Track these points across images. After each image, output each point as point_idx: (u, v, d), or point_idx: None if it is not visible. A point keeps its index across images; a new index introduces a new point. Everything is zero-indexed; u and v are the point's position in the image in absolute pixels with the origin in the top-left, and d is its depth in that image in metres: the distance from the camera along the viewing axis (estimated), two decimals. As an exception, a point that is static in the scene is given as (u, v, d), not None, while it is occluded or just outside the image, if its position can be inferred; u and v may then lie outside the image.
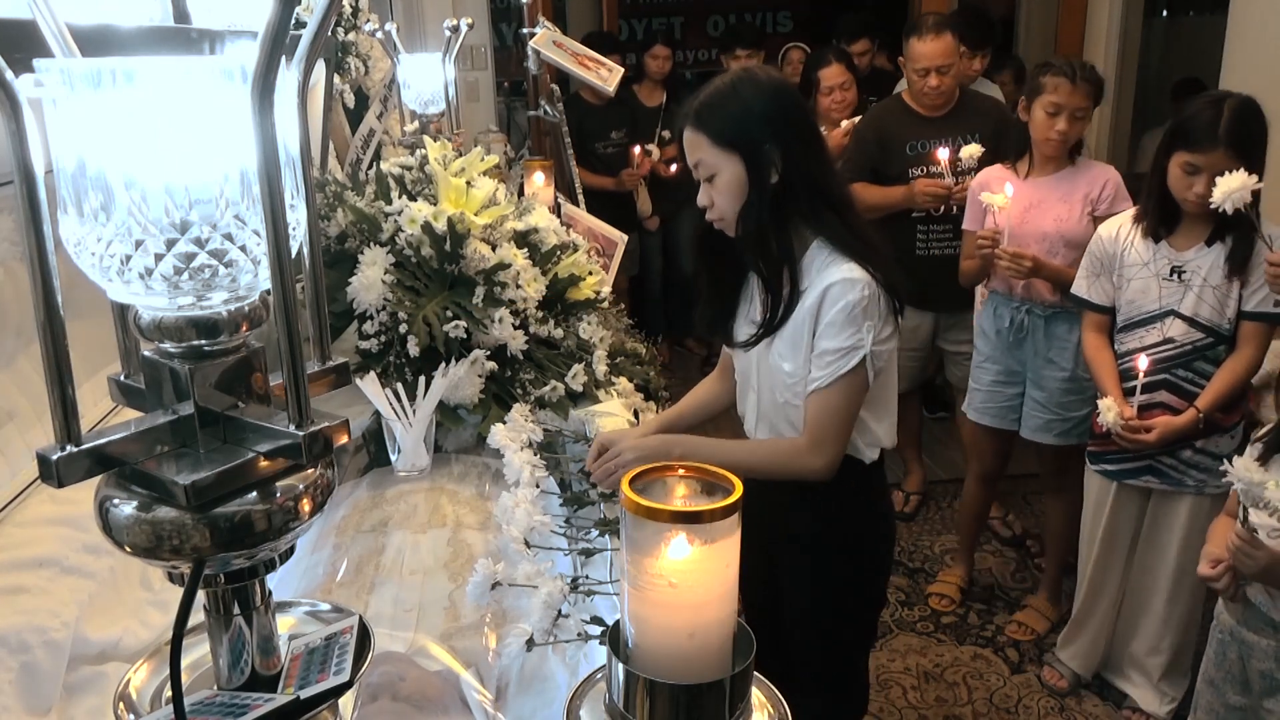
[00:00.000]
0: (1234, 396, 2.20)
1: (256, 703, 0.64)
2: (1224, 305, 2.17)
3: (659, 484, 0.67)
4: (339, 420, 0.61)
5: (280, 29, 0.52)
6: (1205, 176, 2.05)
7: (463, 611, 1.21)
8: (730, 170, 1.52)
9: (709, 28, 6.68)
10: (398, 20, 3.46)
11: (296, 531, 0.63)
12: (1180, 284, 2.20)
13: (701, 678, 0.64)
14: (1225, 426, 2.24)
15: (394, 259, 1.67)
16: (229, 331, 0.61)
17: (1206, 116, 2.07)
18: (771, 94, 1.55)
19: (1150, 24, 5.50)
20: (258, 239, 0.58)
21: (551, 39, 3.04)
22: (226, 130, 0.55)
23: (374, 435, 1.62)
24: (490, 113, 4.73)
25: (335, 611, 0.77)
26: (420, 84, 2.91)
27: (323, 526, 1.39)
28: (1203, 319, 2.19)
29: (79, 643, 1.04)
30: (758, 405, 1.68)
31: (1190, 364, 2.22)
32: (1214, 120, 2.05)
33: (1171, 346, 2.22)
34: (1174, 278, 2.21)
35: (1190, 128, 2.10)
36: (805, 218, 1.55)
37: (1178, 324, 2.21)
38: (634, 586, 0.64)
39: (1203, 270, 2.17)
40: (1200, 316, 2.19)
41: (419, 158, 1.87)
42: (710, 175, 1.54)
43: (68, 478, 0.56)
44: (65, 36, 0.60)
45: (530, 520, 1.24)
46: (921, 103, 3.09)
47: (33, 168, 0.52)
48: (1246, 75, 2.98)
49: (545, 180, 2.95)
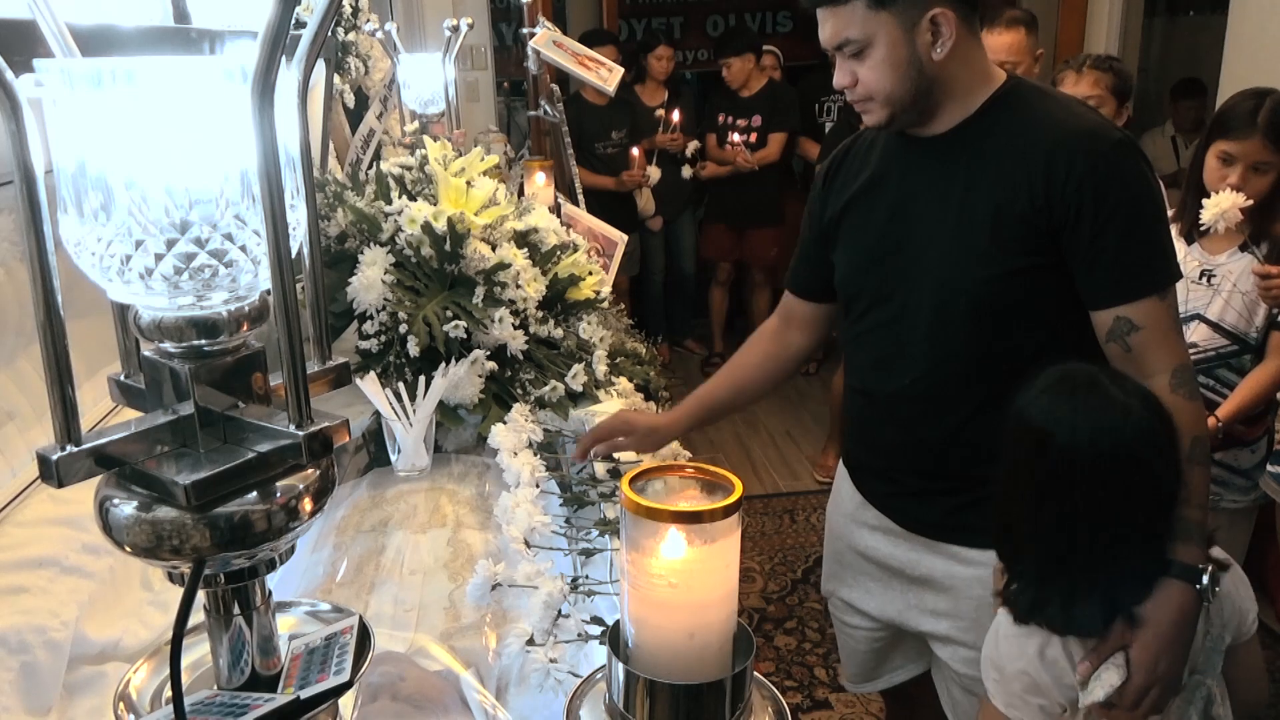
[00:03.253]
0: (1257, 409, 2.14)
1: (256, 703, 0.64)
2: (1252, 313, 2.12)
3: (659, 484, 0.67)
4: (339, 420, 0.61)
5: (280, 29, 0.52)
6: (1240, 167, 2.04)
7: (463, 611, 1.21)
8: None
9: (709, 28, 6.68)
10: (398, 20, 3.46)
11: (296, 531, 0.63)
12: (1209, 288, 2.16)
13: (701, 678, 0.64)
14: (1247, 440, 2.18)
15: (394, 259, 1.67)
16: (229, 331, 0.61)
17: (1247, 107, 2.06)
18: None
19: (1150, 24, 5.51)
20: (258, 239, 0.58)
21: (551, 39, 3.04)
22: (226, 130, 0.55)
23: (374, 435, 1.62)
24: (490, 113, 4.73)
25: (335, 611, 0.77)
26: (420, 84, 2.91)
27: (323, 526, 1.39)
28: (1228, 325, 2.14)
29: (79, 643, 1.04)
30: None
31: (1212, 370, 2.16)
32: (1254, 110, 2.04)
33: (1194, 351, 2.16)
34: (1203, 281, 2.17)
35: (1229, 117, 2.09)
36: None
37: (1202, 328, 2.16)
38: (634, 586, 0.64)
39: (1234, 275, 2.13)
40: (1226, 322, 2.14)
41: (419, 158, 1.87)
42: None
43: (68, 478, 0.56)
44: (65, 36, 0.60)
45: (530, 520, 1.24)
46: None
47: (33, 168, 0.52)
48: (1246, 75, 2.98)
49: (545, 180, 2.95)
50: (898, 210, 1.47)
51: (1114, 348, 1.36)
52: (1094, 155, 1.32)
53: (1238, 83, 2.69)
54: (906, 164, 1.48)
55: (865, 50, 1.37)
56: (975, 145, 1.41)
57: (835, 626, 1.82)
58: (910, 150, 1.48)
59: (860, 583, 1.69)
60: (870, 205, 1.52)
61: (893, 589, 1.63)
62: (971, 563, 1.51)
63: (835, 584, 1.76)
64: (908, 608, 1.61)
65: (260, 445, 0.60)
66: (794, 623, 3.05)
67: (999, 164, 1.38)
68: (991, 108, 1.41)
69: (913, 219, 1.45)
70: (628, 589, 0.65)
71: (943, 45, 1.36)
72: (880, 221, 1.50)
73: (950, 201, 1.41)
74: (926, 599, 1.59)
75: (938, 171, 1.44)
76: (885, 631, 1.69)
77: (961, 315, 1.41)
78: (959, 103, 1.41)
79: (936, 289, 1.43)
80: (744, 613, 2.50)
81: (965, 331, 1.42)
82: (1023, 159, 1.36)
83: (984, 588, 1.47)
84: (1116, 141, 1.35)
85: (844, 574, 1.73)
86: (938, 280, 1.42)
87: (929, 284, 1.43)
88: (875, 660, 1.75)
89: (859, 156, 1.57)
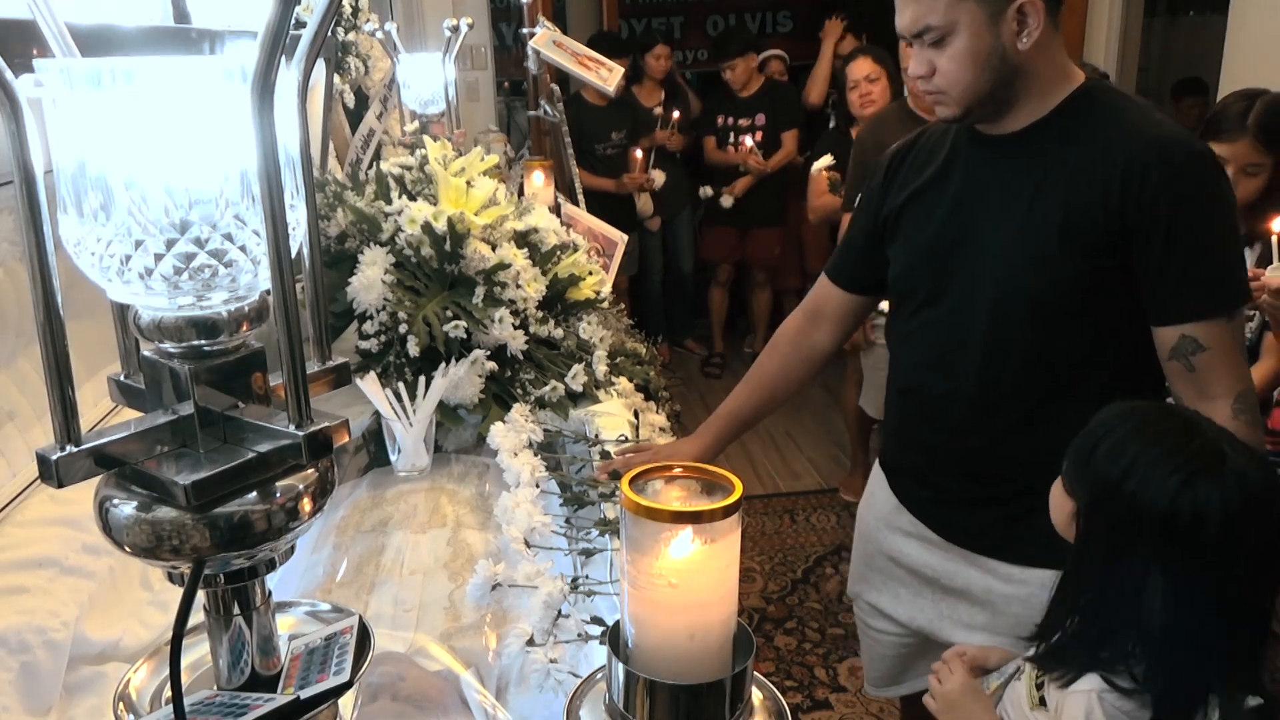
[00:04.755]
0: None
1: (256, 703, 0.64)
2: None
3: (659, 484, 0.67)
4: (339, 420, 0.61)
5: (280, 29, 0.52)
6: (1231, 169, 2.02)
7: (463, 611, 1.21)
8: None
9: (709, 28, 6.67)
10: (398, 20, 3.46)
11: (296, 531, 0.63)
12: None
13: (701, 678, 0.64)
14: None
15: (394, 259, 1.67)
16: (229, 331, 0.61)
17: (1238, 109, 2.06)
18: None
19: (1150, 24, 5.50)
20: (258, 239, 0.58)
21: (551, 39, 3.04)
22: (226, 130, 0.55)
23: (374, 435, 1.62)
24: (490, 113, 4.73)
25: (335, 611, 0.77)
26: (420, 84, 2.91)
27: (323, 526, 1.39)
28: None
29: (79, 643, 1.04)
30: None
31: None
32: (1244, 112, 2.04)
33: None
34: None
35: (1220, 119, 2.09)
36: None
37: None
38: (634, 586, 0.64)
39: None
40: None
41: (419, 158, 1.87)
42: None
43: (68, 478, 0.56)
44: (65, 36, 0.60)
45: (530, 520, 1.24)
46: (920, 104, 2.94)
47: (33, 168, 0.52)
48: (1246, 75, 2.98)
49: (545, 180, 2.95)
50: (961, 207, 1.44)
51: (1176, 366, 1.32)
52: (1172, 166, 1.28)
53: (1238, 83, 2.68)
54: (974, 161, 1.44)
55: (946, 38, 1.32)
56: (1049, 147, 1.37)
57: (859, 629, 1.79)
58: (980, 147, 1.44)
59: (889, 588, 1.65)
60: (933, 201, 1.47)
61: (924, 597, 1.59)
62: (1011, 580, 1.46)
63: (863, 586, 1.72)
64: (940, 617, 1.57)
65: (260, 445, 0.60)
66: (794, 623, 3.05)
67: (1073, 168, 1.34)
68: (1068, 108, 1.37)
69: (977, 218, 1.42)
70: (628, 589, 0.65)
71: (1028, 36, 1.31)
72: (942, 218, 1.45)
73: (1018, 203, 1.37)
74: (961, 611, 1.54)
75: (1007, 171, 1.40)
76: (913, 638, 1.66)
77: (1019, 318, 1.37)
78: (1036, 100, 1.37)
79: (995, 290, 1.39)
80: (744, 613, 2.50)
81: (1022, 335, 1.38)
82: (1097, 165, 1.31)
83: (1024, 606, 1.42)
84: (1196, 153, 1.31)
85: (873, 577, 1.69)
86: (997, 281, 1.39)
87: (988, 284, 1.40)
88: (900, 666, 1.72)
89: (925, 150, 1.53)
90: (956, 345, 1.44)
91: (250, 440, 0.61)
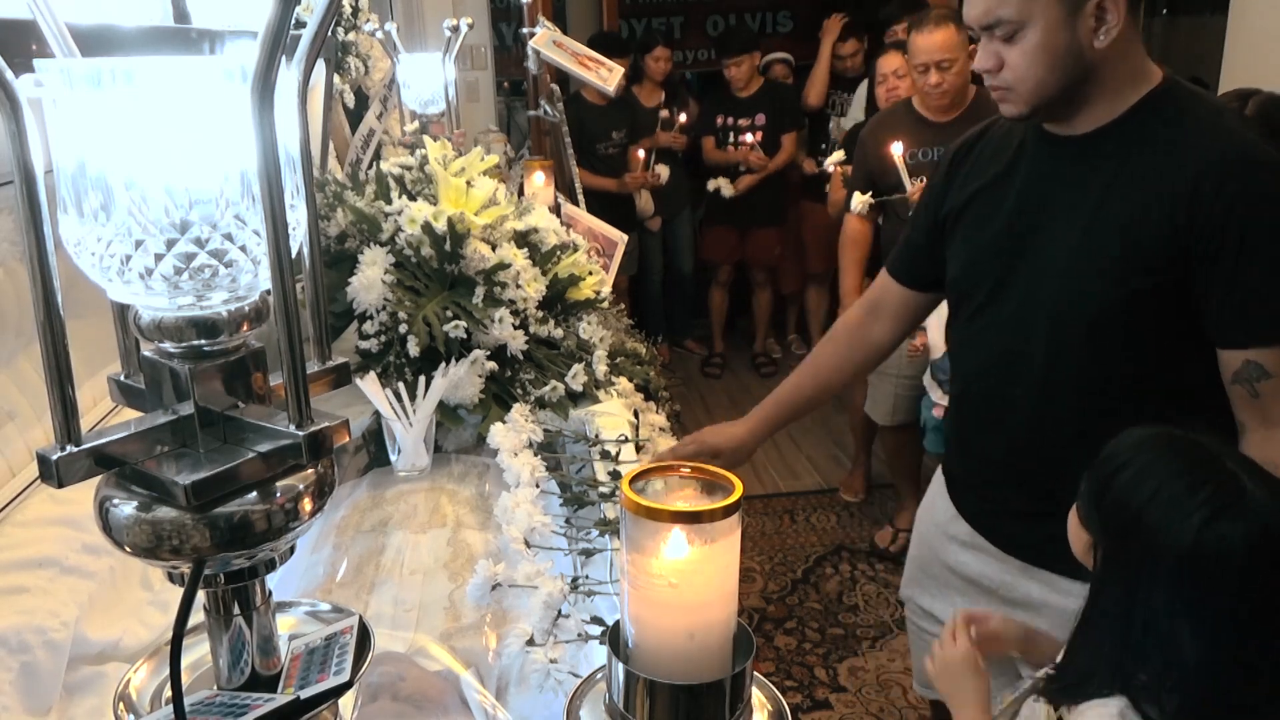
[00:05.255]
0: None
1: (256, 703, 0.64)
2: None
3: (659, 484, 0.67)
4: (339, 420, 0.61)
5: (280, 29, 0.52)
6: None
7: (463, 611, 1.21)
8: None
9: (709, 28, 6.67)
10: (398, 20, 3.46)
11: (296, 531, 0.63)
12: None
13: (701, 678, 0.64)
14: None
15: (394, 259, 1.67)
16: (229, 331, 0.61)
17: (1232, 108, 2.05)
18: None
19: (1150, 24, 5.50)
20: (258, 239, 0.58)
21: (551, 39, 3.04)
22: (226, 130, 0.55)
23: (374, 435, 1.62)
24: (490, 113, 4.73)
25: (335, 611, 0.77)
26: (420, 84, 2.91)
27: (323, 526, 1.39)
28: None
29: (79, 643, 1.04)
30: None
31: None
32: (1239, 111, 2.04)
33: None
34: None
35: None
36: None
37: None
38: (634, 586, 0.64)
39: None
40: None
41: (419, 158, 1.87)
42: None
43: (68, 478, 0.56)
44: (65, 36, 0.60)
45: (530, 520, 1.24)
46: (926, 104, 2.97)
47: (33, 168, 0.52)
48: (1246, 75, 2.98)
49: (545, 180, 2.95)
50: (1024, 210, 1.38)
51: (1240, 390, 1.27)
52: (1246, 179, 1.22)
53: (1237, 83, 2.68)
54: (1040, 162, 1.39)
55: (1019, 32, 1.25)
56: (1118, 151, 1.31)
57: (909, 630, 1.75)
58: (1046, 147, 1.38)
59: (945, 595, 1.61)
60: (995, 202, 1.43)
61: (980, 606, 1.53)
62: (1071, 594, 1.39)
63: (916, 590, 1.69)
64: None
65: (260, 445, 0.60)
66: (794, 623, 3.05)
67: (1142, 175, 1.28)
68: (1141, 110, 1.30)
69: (1040, 221, 1.37)
70: (628, 589, 0.65)
71: (1106, 33, 1.24)
72: (1003, 220, 1.41)
73: (1083, 208, 1.32)
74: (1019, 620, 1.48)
75: (1074, 174, 1.34)
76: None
77: (1078, 326, 1.33)
78: (1108, 101, 1.30)
79: (1055, 296, 1.34)
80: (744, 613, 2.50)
81: (1080, 342, 1.34)
82: (1169, 173, 1.26)
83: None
84: (1274, 166, 1.24)
85: (928, 584, 1.65)
86: (1057, 287, 1.34)
87: (1048, 290, 1.35)
88: None
89: (989, 149, 1.48)
90: (1015, 352, 1.40)
91: (250, 440, 0.61)
